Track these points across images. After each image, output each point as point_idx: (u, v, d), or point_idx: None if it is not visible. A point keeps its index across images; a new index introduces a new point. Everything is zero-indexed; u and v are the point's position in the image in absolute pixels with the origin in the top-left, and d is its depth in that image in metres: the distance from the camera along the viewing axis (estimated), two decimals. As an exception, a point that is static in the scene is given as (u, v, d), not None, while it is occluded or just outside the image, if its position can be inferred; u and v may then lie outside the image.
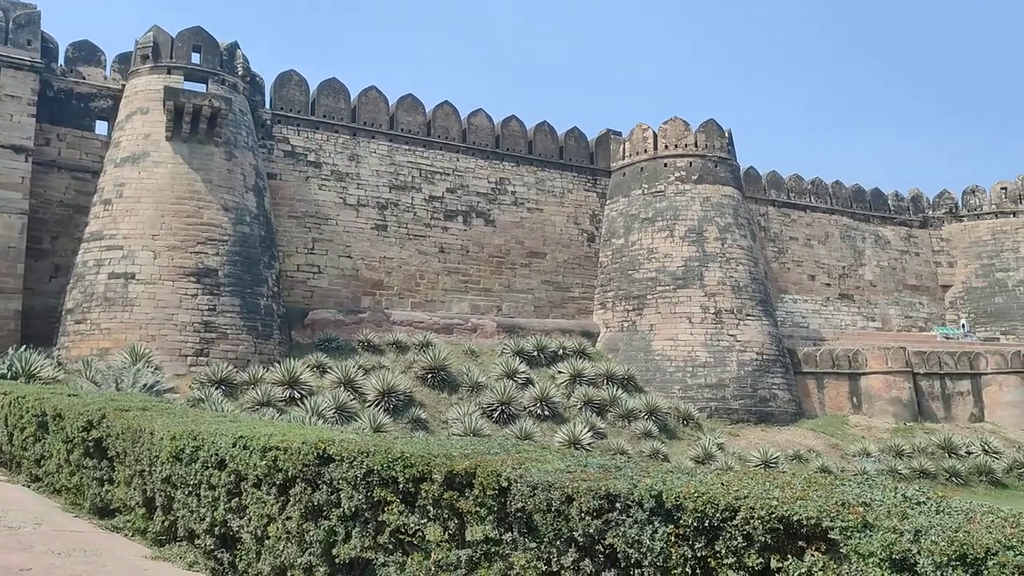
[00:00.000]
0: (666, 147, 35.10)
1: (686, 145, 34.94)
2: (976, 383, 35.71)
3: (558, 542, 6.74)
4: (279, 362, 25.29)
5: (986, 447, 30.17)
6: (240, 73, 29.17)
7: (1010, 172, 65.91)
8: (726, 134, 35.69)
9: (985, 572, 3.98)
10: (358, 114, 31.94)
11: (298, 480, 9.24)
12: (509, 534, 7.30)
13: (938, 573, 4.22)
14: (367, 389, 24.63)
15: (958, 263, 45.07)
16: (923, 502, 5.24)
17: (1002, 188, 45.31)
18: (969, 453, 29.80)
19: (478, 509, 7.64)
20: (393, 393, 24.47)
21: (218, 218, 26.21)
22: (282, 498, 9.41)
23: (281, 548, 9.30)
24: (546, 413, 26.50)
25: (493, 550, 7.46)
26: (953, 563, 4.15)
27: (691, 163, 34.74)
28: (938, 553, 4.23)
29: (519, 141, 35.03)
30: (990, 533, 4.12)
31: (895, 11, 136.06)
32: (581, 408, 27.23)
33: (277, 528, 9.36)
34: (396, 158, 32.15)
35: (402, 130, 32.60)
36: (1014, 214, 44.62)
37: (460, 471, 7.74)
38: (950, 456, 29.28)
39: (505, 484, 7.15)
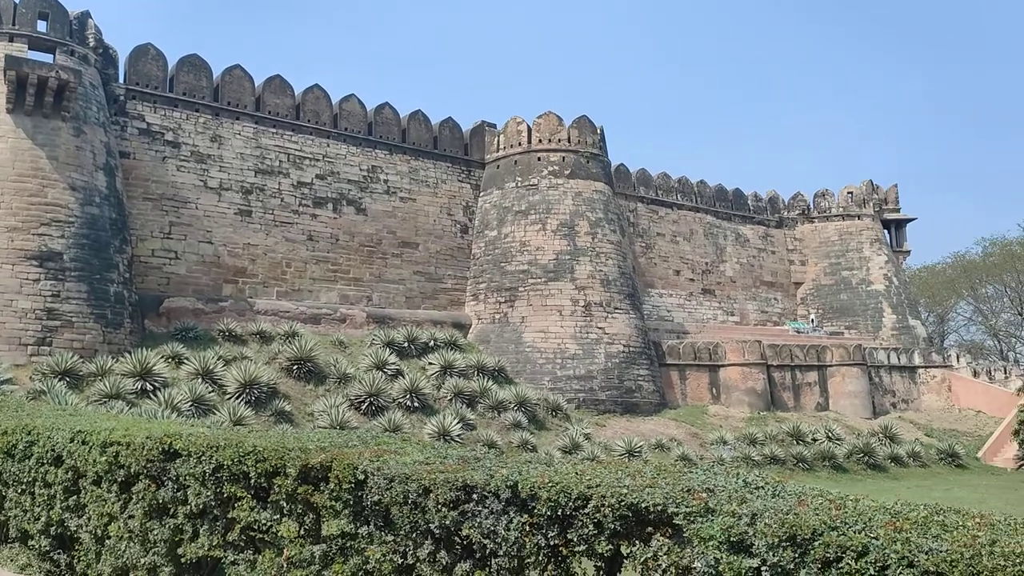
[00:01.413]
0: (540, 141, 35.49)
1: (559, 140, 35.45)
2: (822, 374, 38.04)
3: (415, 534, 6.65)
4: (130, 352, 23.94)
5: (829, 434, 32.19)
6: (92, 44, 27.31)
7: (856, 177, 70.62)
8: (598, 131, 36.44)
9: (812, 552, 4.15)
10: (221, 93, 30.58)
11: (142, 477, 8.77)
12: (365, 528, 7.15)
13: (770, 553, 4.38)
14: (227, 381, 23.68)
15: (809, 262, 47.86)
16: (761, 487, 5.46)
17: (849, 192, 48.43)
18: (815, 440, 31.69)
19: (334, 503, 7.45)
20: (255, 385, 23.63)
21: (64, 198, 24.49)
22: (124, 496, 8.91)
23: (123, 548, 8.79)
24: (416, 405, 26.29)
25: (349, 545, 7.29)
26: (784, 544, 4.31)
27: (564, 158, 35.28)
28: (771, 535, 4.38)
29: (392, 129, 34.52)
30: (817, 515, 4.30)
31: (764, 19, 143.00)
32: (451, 399, 27.18)
33: (119, 527, 8.85)
34: (262, 141, 31.00)
35: (269, 112, 31.46)
36: (859, 217, 47.80)
37: (315, 465, 7.51)
38: (798, 443, 31.04)
39: (362, 477, 7.00)
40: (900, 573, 3.70)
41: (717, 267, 44.28)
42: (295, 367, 25.89)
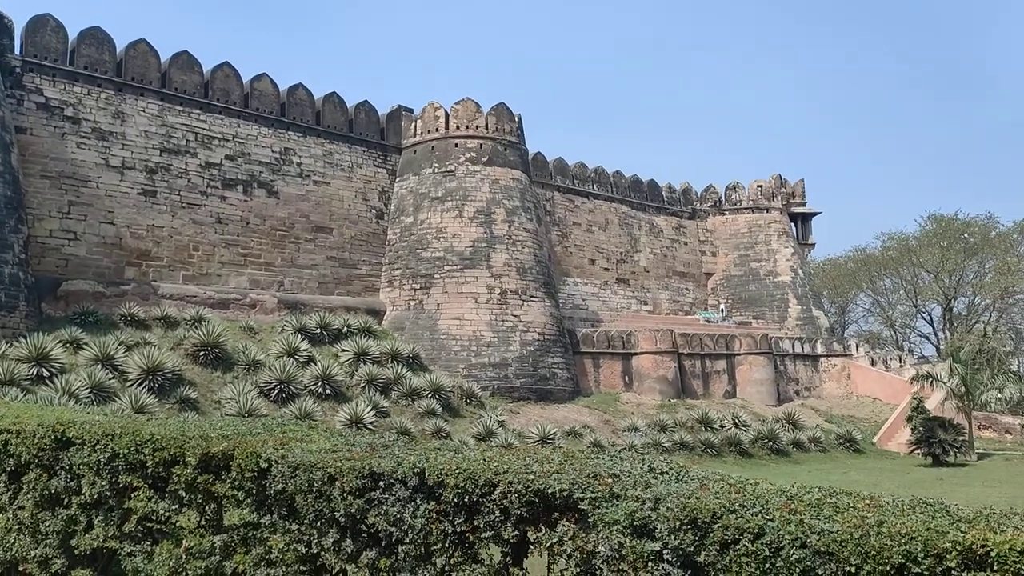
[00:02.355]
0: (457, 127, 35.28)
1: (477, 127, 35.31)
2: (731, 362, 39.16)
3: (320, 523, 6.54)
4: (26, 337, 22.78)
5: (736, 421, 33.19)
6: (-18, 12, 25.72)
7: (766, 171, 72.93)
8: (516, 118, 36.45)
9: (711, 534, 4.23)
10: (125, 68, 29.25)
11: (33, 466, 8.44)
12: (269, 517, 7.00)
13: (672, 537, 4.45)
14: (129, 367, 22.79)
15: (720, 253, 49.15)
16: (666, 472, 5.54)
17: (758, 186, 49.89)
18: (722, 427, 32.61)
19: (236, 492, 7.26)
20: (159, 371, 22.82)
21: (-48, 174, 23.04)
22: (13, 486, 8.59)
23: (12, 540, 8.47)
24: (328, 392, 25.88)
25: (251, 535, 7.12)
26: (685, 527, 4.38)
27: (482, 145, 35.17)
28: (672, 519, 4.45)
29: (306, 111, 33.71)
30: (717, 499, 4.38)
31: (684, 12, 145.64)
32: (365, 387, 26.86)
33: (7, 519, 8.52)
34: (168, 119, 29.82)
35: (176, 89, 30.26)
36: (767, 210, 49.30)
37: (216, 453, 7.31)
38: (706, 429, 31.88)
39: (265, 466, 6.85)
40: (793, 553, 3.79)
41: (631, 257, 45.00)
42: (202, 353, 25.11)
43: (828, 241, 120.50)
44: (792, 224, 50.58)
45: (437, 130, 35.50)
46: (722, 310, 47.06)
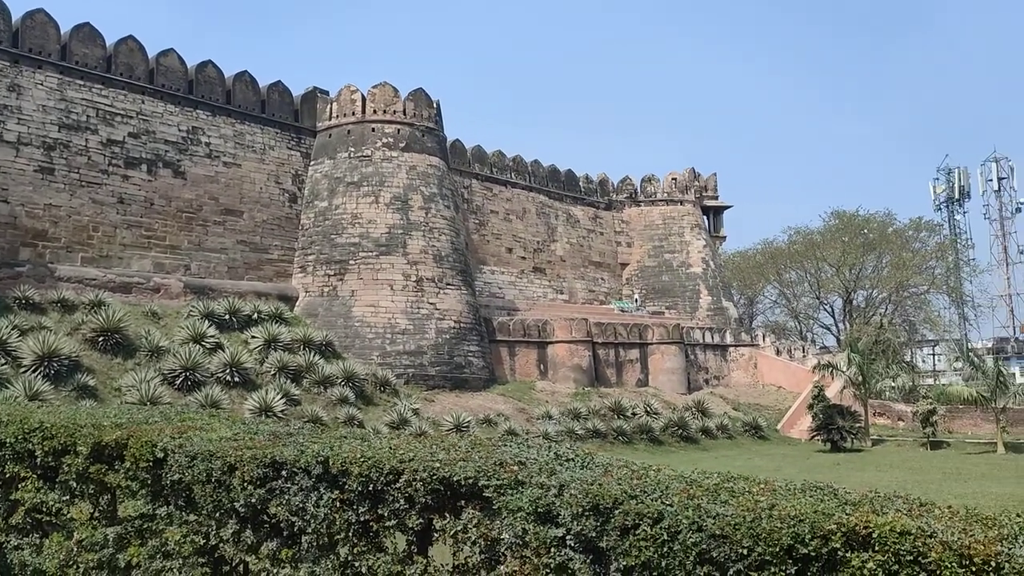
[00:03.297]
0: (375, 112, 34.75)
1: (395, 112, 34.85)
2: (643, 352, 39.90)
3: (218, 514, 6.38)
4: (-93, 321, 21.41)
5: (648, 409, 33.87)
6: None
7: (680, 164, 74.46)
8: (435, 104, 36.14)
9: (612, 520, 4.27)
10: (22, 39, 27.68)
11: (-98, 458, 7.95)
12: (165, 508, 6.81)
13: (575, 523, 4.49)
14: (23, 352, 21.70)
15: (635, 244, 49.98)
16: (572, 459, 5.58)
17: (673, 178, 50.90)
18: (635, 415, 33.23)
19: (130, 483, 7.05)
20: (55, 357, 21.81)
21: None
22: None
23: None
24: (236, 380, 25.22)
25: (147, 526, 6.93)
26: (588, 513, 4.42)
27: (399, 130, 34.75)
28: (575, 505, 4.49)
29: (216, 89, 32.58)
30: (619, 485, 4.43)
31: (599, 14, 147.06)
32: (275, 374, 26.29)
33: None
34: (68, 94, 28.37)
35: (77, 63, 28.81)
36: (681, 202, 50.38)
37: (110, 442, 7.08)
38: (619, 417, 32.43)
39: (161, 455, 6.67)
40: (690, 537, 3.87)
41: (548, 246, 45.31)
42: (101, 339, 24.09)
43: (738, 234, 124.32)
44: (704, 217, 51.83)
45: (353, 114, 34.88)
46: (636, 300, 47.89)
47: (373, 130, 34.53)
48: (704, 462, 23.41)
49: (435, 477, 5.36)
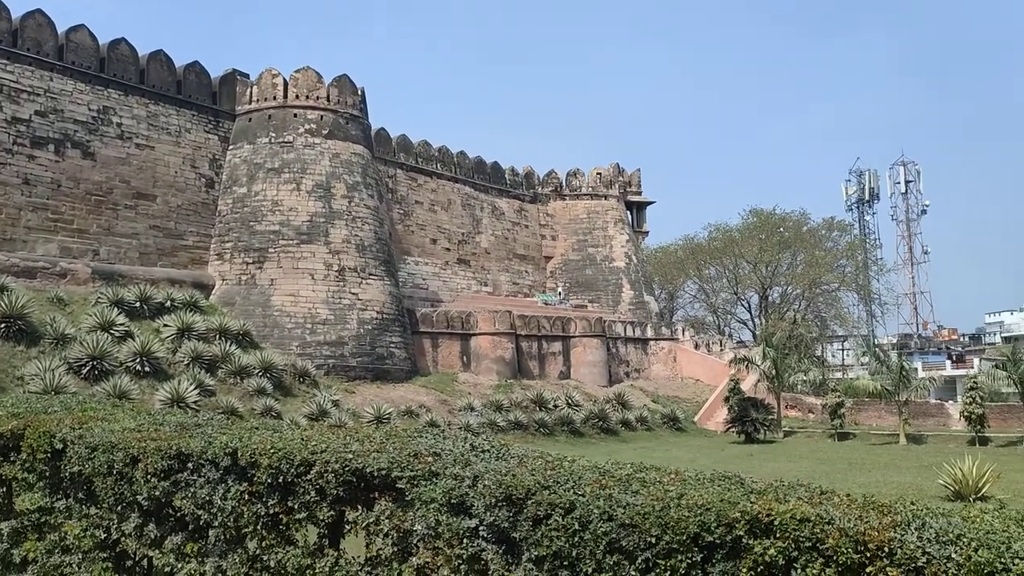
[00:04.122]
0: (297, 97, 33.98)
1: (318, 98, 34.17)
2: (566, 344, 40.25)
3: (120, 507, 6.19)
4: None
5: (569, 401, 34.20)
6: None
7: (605, 159, 75.06)
8: (359, 91, 35.58)
9: (525, 510, 4.27)
10: (-81, 9, 26.11)
11: None
12: (64, 501, 6.59)
13: (488, 514, 4.47)
14: (-85, 340, 20.51)
15: (559, 237, 50.33)
16: (487, 450, 5.57)
17: (598, 173, 51.42)
18: (556, 407, 33.50)
19: (27, 475, 6.80)
20: (-49, 345, 20.68)
21: None
22: None
23: None
24: (147, 369, 24.40)
25: (45, 520, 6.69)
26: (501, 504, 4.42)
27: (322, 117, 34.10)
28: (489, 495, 4.47)
29: (129, 68, 31.31)
30: (533, 476, 4.43)
31: (530, 13, 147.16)
32: (189, 364, 25.53)
33: None
34: (-31, 68, 26.90)
35: (-21, 36, 27.33)
36: (605, 197, 50.94)
37: (5, 432, 6.82)
38: (541, 409, 32.65)
39: (60, 446, 6.45)
40: (600, 527, 3.89)
41: (473, 238, 45.23)
42: (3, 325, 22.97)
43: (660, 230, 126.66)
44: (628, 212, 52.53)
45: (275, 98, 34.04)
46: (560, 293, 48.26)
47: (295, 115, 33.79)
48: (623, 453, 23.79)
49: (348, 469, 5.29)
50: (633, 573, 3.79)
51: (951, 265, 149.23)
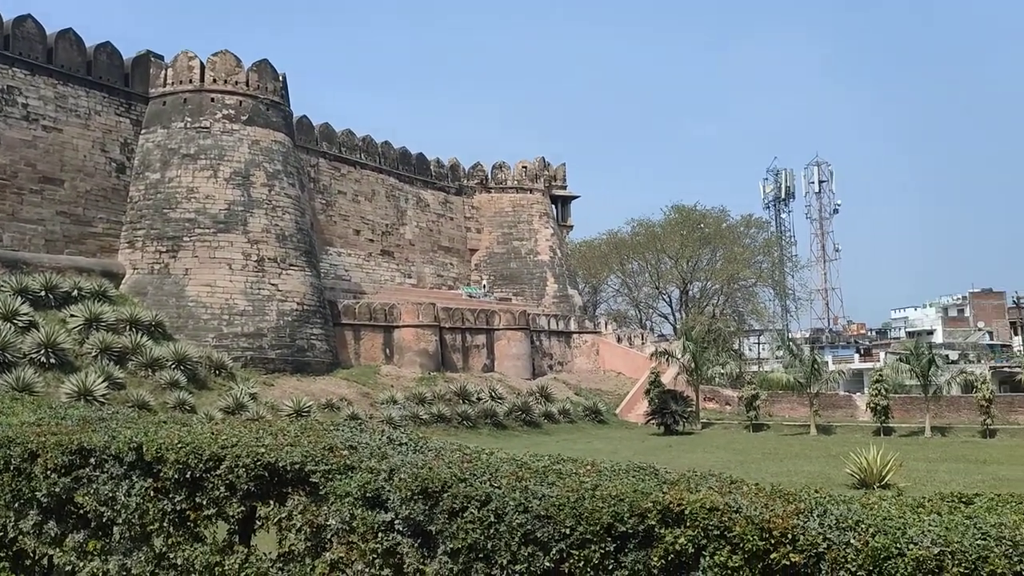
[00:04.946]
0: (215, 81, 32.96)
1: (236, 82, 33.22)
2: (490, 337, 40.29)
3: (17, 504, 5.93)
4: None
5: (493, 394, 34.24)
6: None
7: (531, 152, 75.29)
8: (280, 78, 34.75)
9: (441, 503, 4.24)
10: None
11: None
12: (-47, 502, 6.22)
13: (403, 507, 4.43)
14: None
15: (484, 230, 50.32)
16: (405, 443, 5.52)
17: (523, 167, 51.57)
18: (480, 399, 33.50)
19: (-90, 475, 6.40)
20: None
21: None
22: None
23: None
24: (52, 361, 23.40)
25: (-70, 522, 6.31)
26: (416, 496, 4.38)
27: (241, 102, 33.17)
28: (405, 489, 4.43)
29: (35, 46, 29.80)
30: (449, 468, 4.40)
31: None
32: (97, 356, 24.59)
33: None
34: None
35: None
36: (530, 191, 51.14)
37: None
38: (464, 402, 32.60)
39: None
40: (516, 518, 3.89)
41: (397, 229, 44.81)
42: None
43: (585, 224, 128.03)
44: (553, 206, 52.85)
45: (191, 81, 32.93)
46: (484, 286, 48.27)
47: (212, 100, 32.78)
48: (545, 446, 23.95)
49: (259, 463, 5.18)
50: (547, 564, 3.81)
51: (860, 262, 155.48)
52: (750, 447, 26.34)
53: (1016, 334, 57.48)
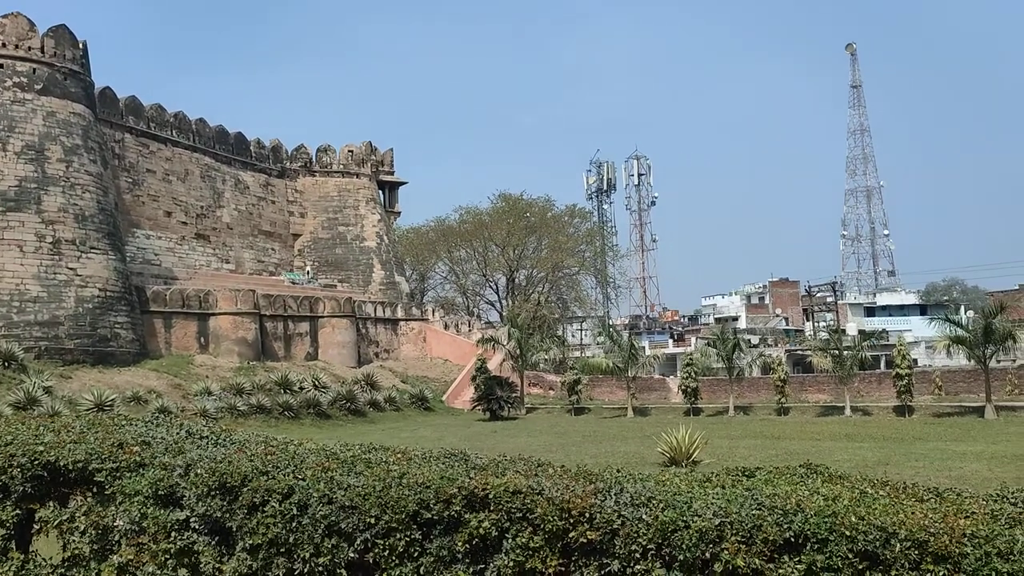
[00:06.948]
0: (4, 45, 29.91)
1: (29, 48, 30.28)
2: (314, 325, 39.26)
3: None
4: None
5: (316, 383, 33.41)
6: None
7: (358, 137, 73.48)
8: (81, 45, 32.03)
9: (241, 497, 4.05)
10: None
11: None
12: None
13: (200, 504, 4.20)
14: None
15: (309, 214, 48.88)
16: (205, 436, 5.23)
17: (350, 151, 50.51)
18: (302, 389, 32.56)
19: None
20: None
21: None
22: None
23: None
24: None
25: None
26: (214, 492, 4.16)
27: (35, 70, 30.29)
28: (201, 484, 4.20)
29: None
30: (251, 462, 4.20)
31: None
32: None
33: None
34: None
35: None
36: (357, 175, 50.20)
37: None
38: (285, 392, 31.56)
39: None
40: (319, 510, 3.77)
41: (214, 212, 42.63)
42: None
43: (412, 210, 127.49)
44: (380, 191, 52.16)
45: (-24, 44, 29.73)
46: (308, 272, 46.96)
47: (1, 67, 29.74)
48: (370, 435, 23.60)
49: (37, 462, 4.76)
50: (352, 555, 3.72)
51: (675, 252, 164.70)
52: (571, 430, 27.21)
53: (808, 320, 62.95)
